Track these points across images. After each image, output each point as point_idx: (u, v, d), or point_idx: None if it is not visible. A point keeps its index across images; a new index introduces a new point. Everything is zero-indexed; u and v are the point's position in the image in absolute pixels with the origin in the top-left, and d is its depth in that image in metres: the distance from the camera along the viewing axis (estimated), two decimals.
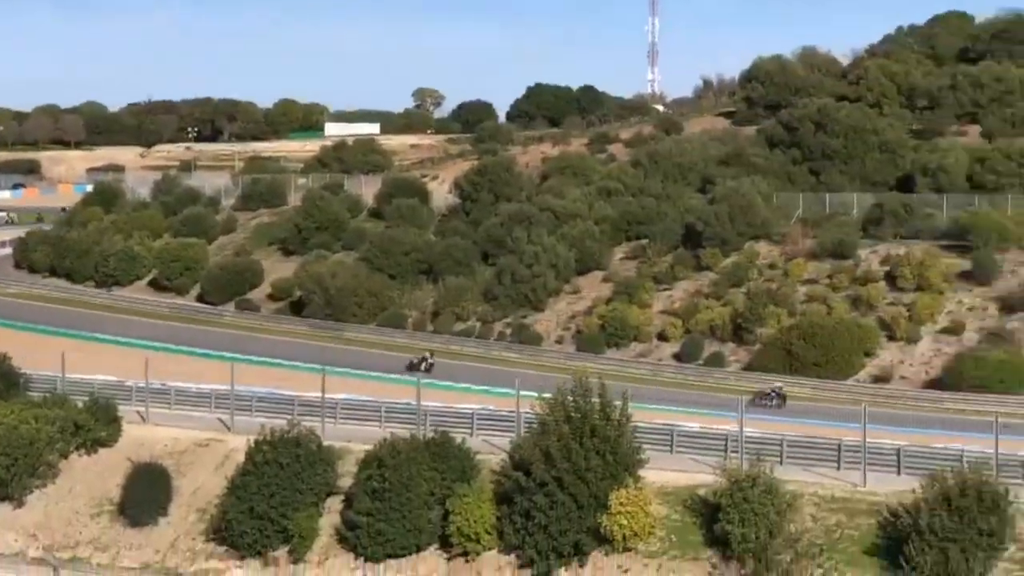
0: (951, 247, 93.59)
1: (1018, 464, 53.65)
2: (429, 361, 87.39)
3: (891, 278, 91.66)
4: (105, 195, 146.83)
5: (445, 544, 57.86)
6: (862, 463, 55.75)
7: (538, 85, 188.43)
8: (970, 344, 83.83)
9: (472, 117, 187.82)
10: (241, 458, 62.36)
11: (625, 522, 53.98)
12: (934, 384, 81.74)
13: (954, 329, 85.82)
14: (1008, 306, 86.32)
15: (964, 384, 78.65)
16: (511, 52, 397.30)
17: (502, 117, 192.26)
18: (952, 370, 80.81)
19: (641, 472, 56.52)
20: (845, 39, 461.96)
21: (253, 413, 70.33)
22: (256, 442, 61.83)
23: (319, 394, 68.56)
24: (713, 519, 53.05)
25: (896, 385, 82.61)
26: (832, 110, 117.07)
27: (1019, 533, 48.77)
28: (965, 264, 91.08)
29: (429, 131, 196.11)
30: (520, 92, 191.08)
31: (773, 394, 75.99)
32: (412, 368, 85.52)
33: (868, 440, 56.39)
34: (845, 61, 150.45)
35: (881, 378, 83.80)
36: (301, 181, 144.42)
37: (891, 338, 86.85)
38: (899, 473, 55.59)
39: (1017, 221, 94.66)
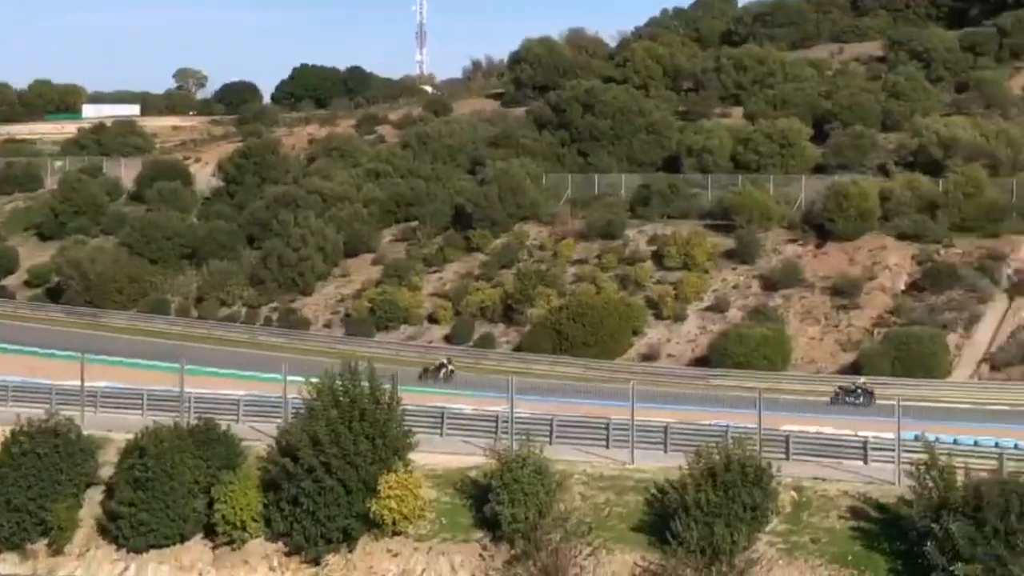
0: (716, 226, 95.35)
1: (781, 439, 54.36)
2: (449, 368, 77.45)
3: (658, 257, 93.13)
4: None
5: (210, 533, 56.24)
6: (630, 441, 55.85)
7: (304, 66, 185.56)
8: (734, 321, 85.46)
9: (236, 98, 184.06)
10: None
11: (395, 506, 53.13)
12: (700, 361, 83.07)
13: (719, 307, 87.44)
14: (770, 284, 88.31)
15: (729, 360, 79.94)
16: (276, 32, 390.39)
17: (267, 98, 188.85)
18: (717, 347, 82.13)
19: (411, 455, 55.65)
20: (612, 21, 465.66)
21: (8, 403, 67.38)
22: (12, 433, 59.18)
23: (78, 382, 66.09)
24: (483, 500, 52.52)
25: (663, 363, 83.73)
26: (600, 92, 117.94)
27: (781, 506, 49.40)
28: (729, 243, 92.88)
29: (192, 113, 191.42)
30: (286, 73, 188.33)
31: (859, 391, 70.04)
32: (426, 375, 76.81)
33: (636, 418, 56.50)
34: (612, 43, 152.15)
35: (649, 356, 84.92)
36: (58, 164, 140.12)
37: (658, 316, 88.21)
38: (666, 450, 55.81)
39: (779, 200, 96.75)
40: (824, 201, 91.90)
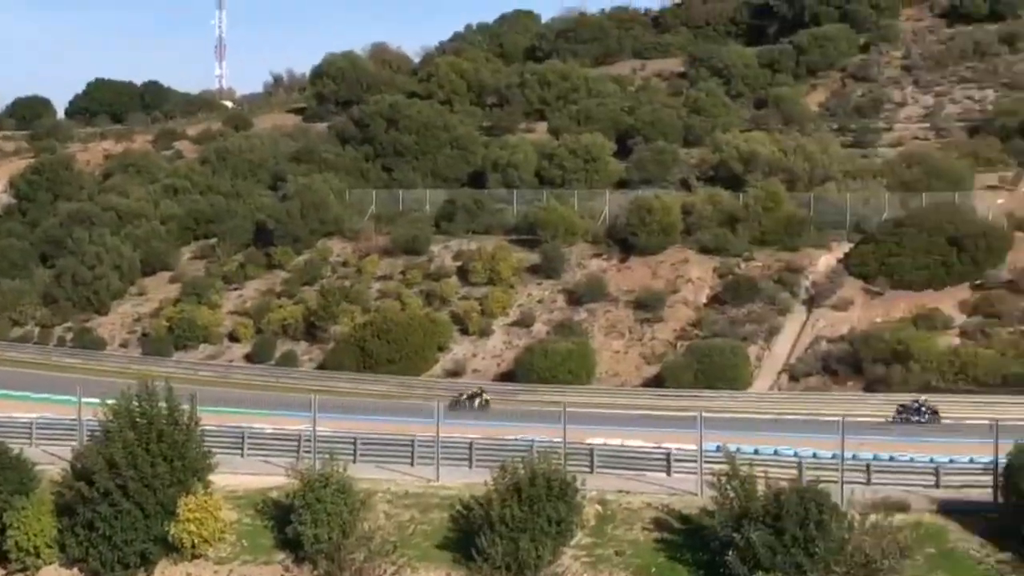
0: (521, 241, 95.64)
1: (585, 453, 54.36)
2: (484, 398, 72.88)
3: (463, 273, 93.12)
4: None
5: (3, 560, 54.34)
6: (435, 458, 55.36)
7: (99, 80, 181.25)
8: (540, 336, 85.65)
9: (28, 113, 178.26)
10: None
11: (194, 528, 51.91)
12: (506, 376, 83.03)
13: (524, 322, 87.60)
14: (575, 298, 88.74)
15: (534, 375, 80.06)
16: (69, 45, 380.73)
17: (61, 113, 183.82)
18: (522, 362, 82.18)
19: (212, 477, 54.44)
20: (416, 36, 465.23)
21: None
22: None
23: None
24: (285, 521, 51.61)
25: (469, 378, 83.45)
26: (404, 107, 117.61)
27: (586, 520, 49.39)
28: (534, 258, 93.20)
29: None
30: (80, 87, 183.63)
31: (923, 409, 66.69)
32: (459, 406, 71.13)
33: (442, 434, 56.03)
34: (416, 58, 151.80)
35: (455, 372, 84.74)
36: None
37: (464, 332, 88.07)
38: (472, 466, 55.48)
39: (583, 215, 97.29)
40: (628, 216, 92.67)
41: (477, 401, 72.56)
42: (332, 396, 72.21)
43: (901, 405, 68.17)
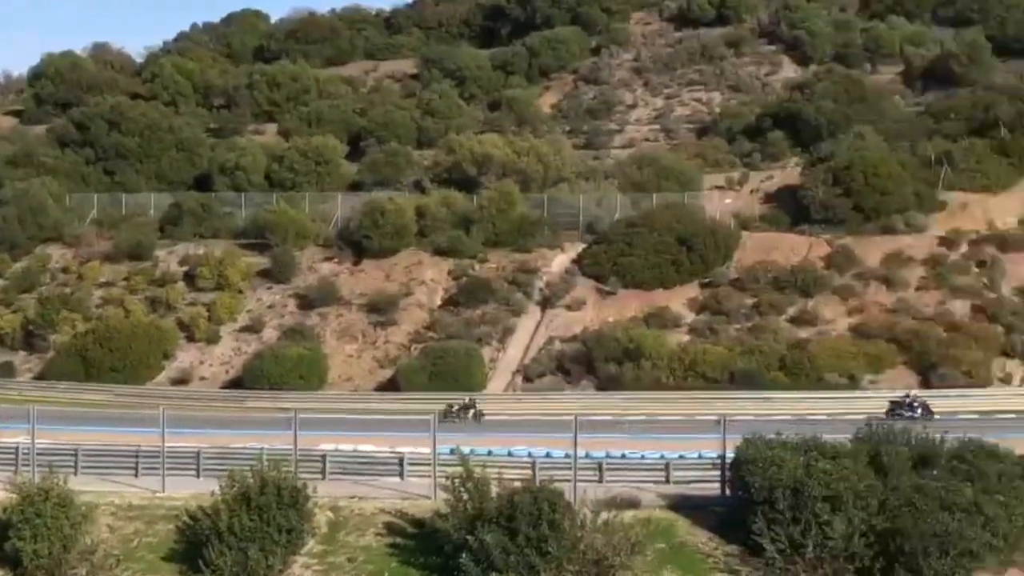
0: (250, 246, 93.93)
1: (317, 459, 53.28)
2: (479, 409, 68.59)
3: (190, 278, 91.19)
4: None
5: None
6: (161, 469, 53.50)
7: None
8: (270, 342, 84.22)
9: None
10: None
11: None
12: (235, 383, 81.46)
13: (254, 327, 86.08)
14: (307, 303, 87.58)
15: (264, 381, 78.69)
16: None
17: None
18: (252, 368, 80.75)
19: None
20: (140, 36, 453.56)
21: None
22: None
23: None
24: (3, 537, 49.16)
25: (197, 386, 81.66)
26: (126, 108, 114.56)
27: (317, 527, 48.37)
28: (264, 262, 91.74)
29: None
30: None
31: (915, 404, 63.89)
32: (452, 417, 66.20)
33: (168, 444, 54.16)
34: (140, 59, 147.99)
35: (181, 380, 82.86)
36: None
37: (191, 339, 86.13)
38: (199, 476, 53.82)
39: (315, 218, 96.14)
40: (360, 218, 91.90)
41: (471, 413, 68.73)
42: (53, 406, 69.19)
43: (892, 401, 65.68)
